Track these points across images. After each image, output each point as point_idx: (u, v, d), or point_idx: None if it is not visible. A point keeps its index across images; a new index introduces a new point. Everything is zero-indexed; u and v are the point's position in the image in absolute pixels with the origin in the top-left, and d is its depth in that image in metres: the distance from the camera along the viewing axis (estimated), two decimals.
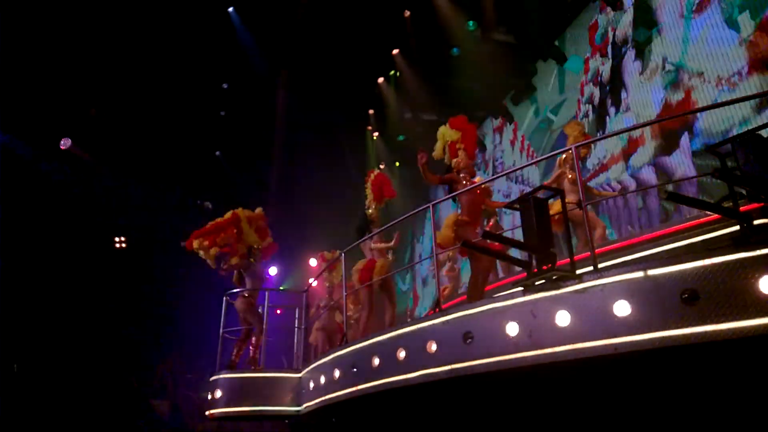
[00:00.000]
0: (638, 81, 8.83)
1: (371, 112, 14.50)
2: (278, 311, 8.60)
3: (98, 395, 12.77)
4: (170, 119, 12.89)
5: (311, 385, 5.67)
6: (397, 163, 15.77)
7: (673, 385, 2.99)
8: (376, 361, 4.41)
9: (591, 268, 3.35)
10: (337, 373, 4.96)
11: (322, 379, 5.31)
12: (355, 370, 4.66)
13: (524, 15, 10.72)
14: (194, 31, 11.45)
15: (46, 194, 12.67)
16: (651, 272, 3.00)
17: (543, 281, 3.39)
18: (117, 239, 14.55)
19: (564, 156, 6.12)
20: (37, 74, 11.43)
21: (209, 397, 6.37)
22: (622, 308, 3.02)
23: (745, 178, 2.86)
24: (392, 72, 13.19)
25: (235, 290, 6.85)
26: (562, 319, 3.23)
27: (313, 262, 15.10)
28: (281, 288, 7.19)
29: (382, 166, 15.64)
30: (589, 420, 3.26)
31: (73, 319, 13.41)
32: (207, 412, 6.48)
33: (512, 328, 3.43)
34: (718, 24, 7.37)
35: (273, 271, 9.63)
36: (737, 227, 3.07)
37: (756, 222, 2.86)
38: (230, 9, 11.71)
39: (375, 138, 15.25)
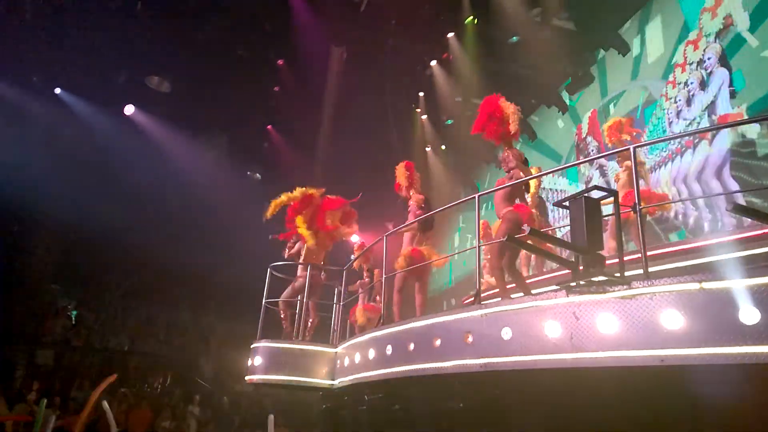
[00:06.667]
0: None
1: (421, 94, 14.35)
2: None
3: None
4: (226, 92, 13.27)
5: (346, 361, 5.83)
6: (443, 147, 15.61)
7: (723, 405, 2.88)
8: (411, 346, 4.47)
9: (641, 271, 3.25)
10: (372, 354, 5.07)
11: (357, 357, 5.44)
12: (389, 352, 4.75)
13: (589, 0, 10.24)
14: (253, 8, 11.66)
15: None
16: (707, 285, 2.87)
17: (589, 284, 3.32)
18: None
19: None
20: (105, 42, 11.98)
21: (249, 363, 6.65)
22: (672, 319, 2.91)
23: None
24: (445, 55, 12.96)
25: (279, 263, 7.06)
26: (607, 324, 3.15)
27: (354, 238, 15.22)
28: (322, 263, 7.32)
29: (428, 149, 15.54)
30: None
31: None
32: (246, 377, 6.76)
33: (553, 329, 3.39)
34: None
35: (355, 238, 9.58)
36: None
37: None
38: None
39: (423, 120, 15.12)
